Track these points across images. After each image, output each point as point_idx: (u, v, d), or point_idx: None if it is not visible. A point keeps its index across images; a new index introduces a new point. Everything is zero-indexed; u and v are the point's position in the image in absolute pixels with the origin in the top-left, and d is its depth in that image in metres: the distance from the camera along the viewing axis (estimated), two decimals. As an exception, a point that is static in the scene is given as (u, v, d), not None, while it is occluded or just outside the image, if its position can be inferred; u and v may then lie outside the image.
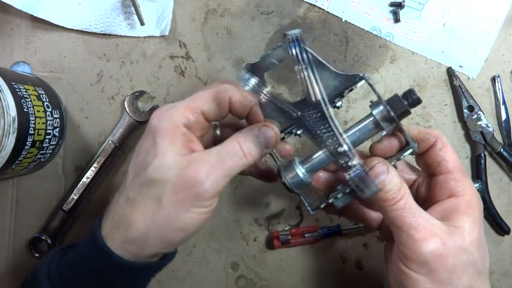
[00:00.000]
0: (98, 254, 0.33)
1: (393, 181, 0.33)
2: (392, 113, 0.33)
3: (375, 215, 0.40)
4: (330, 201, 0.36)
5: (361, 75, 0.34)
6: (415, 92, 0.34)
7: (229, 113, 0.35)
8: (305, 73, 0.32)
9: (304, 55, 0.32)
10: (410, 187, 0.38)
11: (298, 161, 0.36)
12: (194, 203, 0.32)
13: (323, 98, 0.32)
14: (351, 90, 0.35)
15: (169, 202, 0.31)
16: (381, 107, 0.34)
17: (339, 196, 0.35)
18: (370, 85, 0.35)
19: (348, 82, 0.34)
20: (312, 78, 0.32)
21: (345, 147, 0.32)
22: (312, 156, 0.36)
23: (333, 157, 0.34)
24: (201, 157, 0.32)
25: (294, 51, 0.32)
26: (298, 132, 0.36)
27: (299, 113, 0.34)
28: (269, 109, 0.35)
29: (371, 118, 0.35)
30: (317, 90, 0.32)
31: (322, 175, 0.39)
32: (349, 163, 0.32)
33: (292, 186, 0.35)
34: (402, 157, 0.35)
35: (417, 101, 0.34)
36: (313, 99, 0.33)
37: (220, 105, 0.33)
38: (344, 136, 0.33)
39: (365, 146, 0.37)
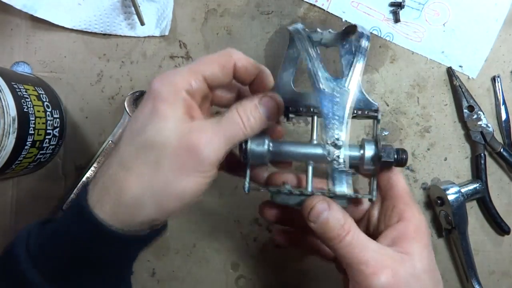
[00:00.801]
0: (86, 225, 0.31)
1: (335, 217, 0.32)
2: (383, 159, 0.34)
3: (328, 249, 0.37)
4: (270, 189, 0.36)
5: (376, 107, 0.35)
6: (407, 154, 0.35)
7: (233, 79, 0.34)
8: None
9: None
10: (362, 217, 0.38)
11: (270, 139, 0.35)
12: (194, 168, 0.30)
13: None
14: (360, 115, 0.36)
15: (168, 166, 0.30)
16: (374, 147, 0.34)
17: (282, 190, 0.35)
18: (378, 121, 0.35)
19: (363, 104, 0.35)
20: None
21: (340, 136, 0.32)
22: (285, 142, 0.36)
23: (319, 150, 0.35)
24: (202, 125, 0.31)
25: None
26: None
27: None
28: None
29: (361, 152, 0.35)
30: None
31: (265, 175, 0.39)
32: (335, 156, 0.32)
33: (250, 152, 0.34)
34: (360, 195, 0.35)
35: (404, 163, 0.35)
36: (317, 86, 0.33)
37: (224, 70, 0.33)
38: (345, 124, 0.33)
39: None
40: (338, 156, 0.32)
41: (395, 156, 0.34)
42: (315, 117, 0.37)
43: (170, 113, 0.30)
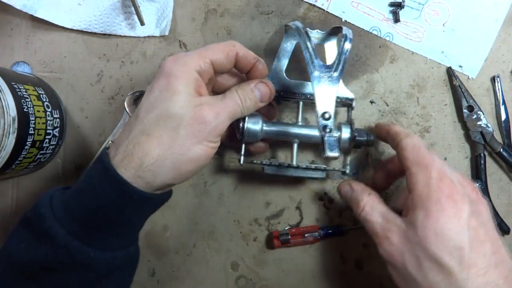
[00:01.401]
0: (112, 184, 0.34)
1: (354, 196, 0.41)
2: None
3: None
4: (264, 162, 0.45)
5: (352, 98, 0.47)
6: (375, 136, 0.45)
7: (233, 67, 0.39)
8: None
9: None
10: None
11: (264, 120, 0.44)
12: (205, 137, 0.36)
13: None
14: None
15: (184, 133, 0.35)
16: (349, 130, 0.44)
17: (273, 163, 0.44)
18: (352, 108, 0.47)
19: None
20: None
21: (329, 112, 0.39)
22: (276, 123, 0.45)
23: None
24: (209, 100, 0.37)
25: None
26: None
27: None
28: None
29: (338, 133, 0.44)
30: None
31: (262, 145, 0.46)
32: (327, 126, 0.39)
33: (246, 130, 0.42)
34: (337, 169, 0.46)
35: (371, 143, 0.45)
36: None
37: (228, 58, 0.38)
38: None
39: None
40: (327, 126, 0.38)
41: (366, 137, 0.44)
42: (301, 103, 0.46)
43: (184, 89, 0.35)
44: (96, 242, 0.35)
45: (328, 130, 0.38)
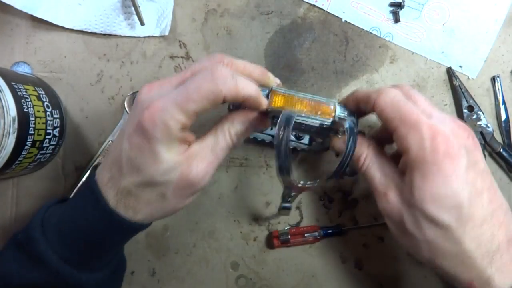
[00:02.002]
0: (102, 215, 0.36)
1: (357, 151, 0.38)
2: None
3: None
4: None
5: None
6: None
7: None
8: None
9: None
10: None
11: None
12: (193, 193, 0.37)
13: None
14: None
15: (172, 197, 0.36)
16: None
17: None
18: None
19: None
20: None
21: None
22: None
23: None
24: (199, 153, 0.35)
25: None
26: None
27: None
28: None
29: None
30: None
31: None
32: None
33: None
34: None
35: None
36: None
37: (213, 104, 0.33)
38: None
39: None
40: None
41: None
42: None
43: (168, 153, 0.34)
44: (86, 265, 0.38)
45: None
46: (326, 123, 0.38)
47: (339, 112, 0.39)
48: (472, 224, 0.33)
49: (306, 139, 0.46)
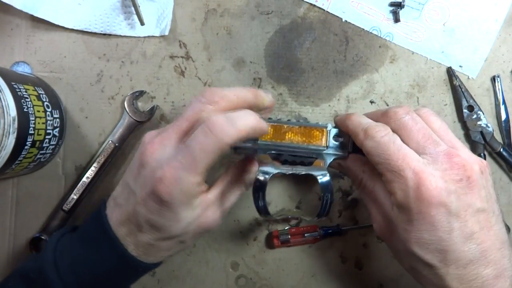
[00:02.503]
0: (118, 257, 0.37)
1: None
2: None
3: None
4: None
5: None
6: None
7: None
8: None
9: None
10: None
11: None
12: (207, 232, 0.39)
13: None
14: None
15: (190, 241, 0.39)
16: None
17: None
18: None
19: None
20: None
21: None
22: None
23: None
24: (213, 202, 0.38)
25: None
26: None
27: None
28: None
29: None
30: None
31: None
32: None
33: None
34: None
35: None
36: None
37: (222, 155, 0.34)
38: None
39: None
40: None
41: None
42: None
43: (188, 213, 0.35)
44: None
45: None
46: (319, 150, 0.39)
47: (332, 138, 0.40)
48: (455, 266, 0.33)
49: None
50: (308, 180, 0.50)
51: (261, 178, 0.36)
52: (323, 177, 0.37)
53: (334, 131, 0.40)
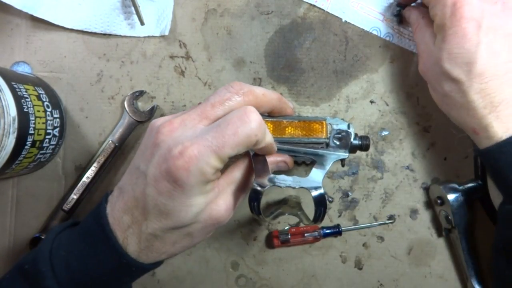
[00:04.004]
0: (114, 258, 0.35)
1: None
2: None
3: None
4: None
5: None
6: (369, 140, 0.41)
7: None
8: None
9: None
10: None
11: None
12: (216, 228, 0.37)
13: None
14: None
15: (198, 235, 0.36)
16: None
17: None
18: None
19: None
20: None
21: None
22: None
23: None
24: (225, 189, 0.36)
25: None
26: None
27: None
28: None
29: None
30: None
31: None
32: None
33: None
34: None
35: (365, 148, 0.41)
36: None
37: (247, 149, 0.33)
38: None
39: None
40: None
41: (360, 142, 0.41)
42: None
43: (200, 199, 0.34)
44: None
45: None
46: (321, 141, 0.39)
47: (333, 137, 0.40)
48: (479, 79, 0.37)
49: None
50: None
51: (258, 188, 0.36)
52: (317, 191, 0.37)
53: (335, 130, 0.40)
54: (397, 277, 0.50)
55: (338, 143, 0.40)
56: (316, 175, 0.38)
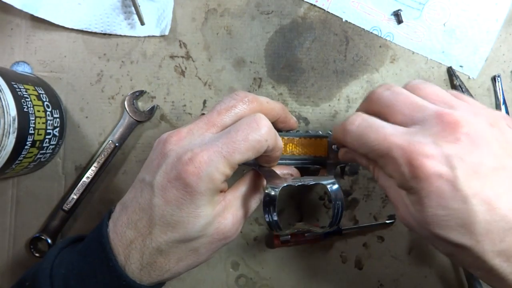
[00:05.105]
0: (114, 278, 0.33)
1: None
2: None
3: None
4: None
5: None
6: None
7: None
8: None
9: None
10: None
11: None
12: (223, 245, 0.36)
13: None
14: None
15: (204, 251, 0.35)
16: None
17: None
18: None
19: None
20: None
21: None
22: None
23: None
24: (233, 204, 0.36)
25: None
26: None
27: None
28: None
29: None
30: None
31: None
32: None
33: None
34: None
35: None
36: None
37: (257, 154, 0.33)
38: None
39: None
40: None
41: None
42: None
43: (209, 208, 0.33)
44: None
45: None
46: (321, 161, 0.39)
47: (332, 147, 0.39)
48: (490, 240, 0.28)
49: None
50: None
51: (271, 192, 0.34)
52: (333, 185, 0.35)
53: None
54: (397, 277, 0.50)
55: (337, 151, 0.40)
56: (326, 175, 0.38)
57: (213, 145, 0.31)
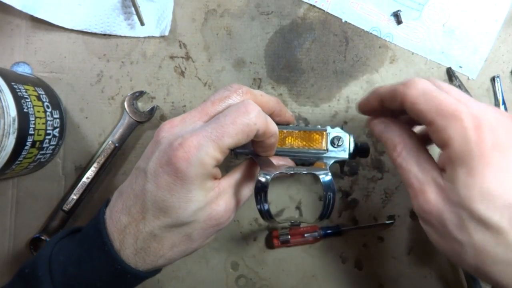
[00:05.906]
0: (110, 264, 0.34)
1: (389, 138, 0.35)
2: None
3: None
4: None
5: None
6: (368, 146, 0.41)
7: None
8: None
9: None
10: None
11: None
12: (216, 232, 0.36)
13: None
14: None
15: (197, 237, 0.35)
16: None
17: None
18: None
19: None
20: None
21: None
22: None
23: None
24: (226, 190, 0.36)
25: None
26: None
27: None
28: None
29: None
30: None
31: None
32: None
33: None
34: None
35: (365, 154, 0.41)
36: None
37: (247, 138, 0.33)
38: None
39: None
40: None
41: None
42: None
43: (201, 193, 0.33)
44: None
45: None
46: (320, 154, 0.39)
47: (330, 141, 0.40)
48: None
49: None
50: (308, 180, 0.50)
51: (262, 179, 0.35)
52: (326, 176, 0.36)
53: (332, 134, 0.40)
54: (397, 278, 0.50)
55: (337, 149, 0.40)
56: (320, 166, 0.38)
57: (202, 130, 0.32)
